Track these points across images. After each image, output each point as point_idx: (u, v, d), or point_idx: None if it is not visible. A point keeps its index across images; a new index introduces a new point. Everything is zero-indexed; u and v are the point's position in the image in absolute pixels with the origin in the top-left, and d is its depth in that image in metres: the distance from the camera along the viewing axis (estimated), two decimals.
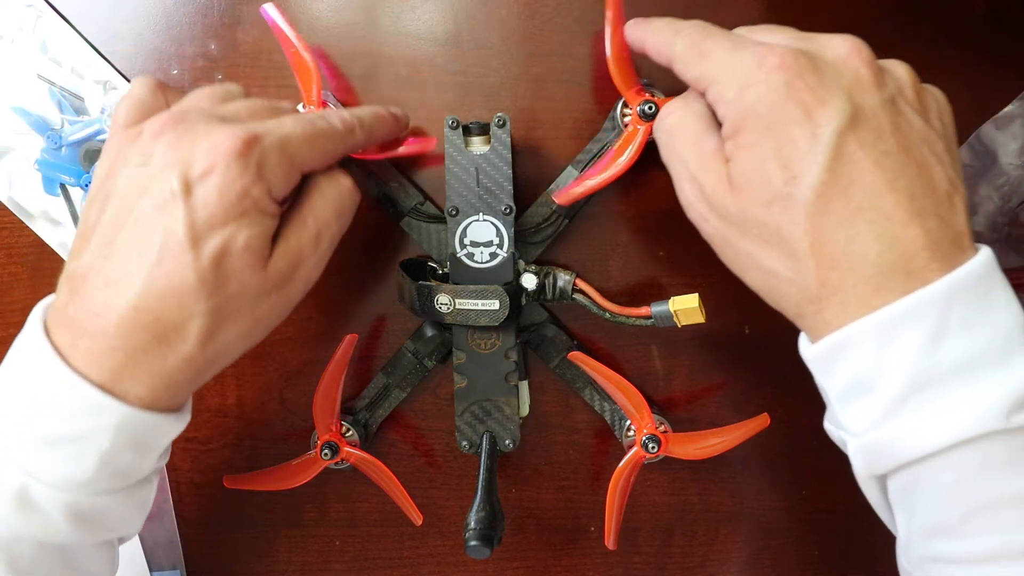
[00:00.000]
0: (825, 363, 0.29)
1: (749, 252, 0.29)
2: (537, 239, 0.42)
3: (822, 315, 0.28)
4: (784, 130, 0.27)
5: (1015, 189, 0.43)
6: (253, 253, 0.30)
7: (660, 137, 0.33)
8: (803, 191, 0.27)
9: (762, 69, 0.28)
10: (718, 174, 0.30)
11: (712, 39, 0.31)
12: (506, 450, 0.42)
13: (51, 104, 0.42)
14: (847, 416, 0.29)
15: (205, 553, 0.46)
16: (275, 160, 0.30)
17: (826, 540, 0.46)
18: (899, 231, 0.26)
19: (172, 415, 0.32)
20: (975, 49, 0.42)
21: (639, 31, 0.35)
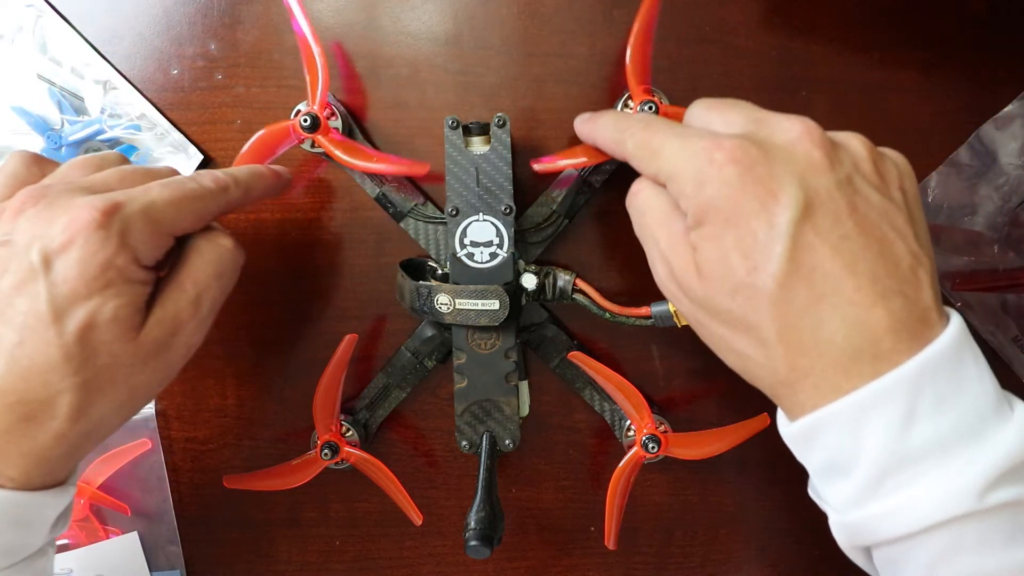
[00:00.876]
0: (801, 443, 0.29)
1: (720, 335, 0.30)
2: (537, 239, 0.42)
3: (796, 398, 0.28)
4: (742, 222, 0.27)
5: (1015, 189, 0.43)
6: (121, 324, 0.29)
7: (631, 212, 0.33)
8: (765, 281, 0.27)
9: (714, 165, 0.28)
10: (686, 259, 0.30)
11: (658, 136, 0.31)
12: (506, 450, 0.42)
13: (51, 104, 0.42)
14: (827, 492, 0.29)
15: (205, 553, 0.46)
16: (139, 227, 0.30)
17: (826, 540, 0.45)
18: (864, 315, 0.26)
19: (52, 491, 0.31)
20: (975, 49, 0.42)
21: (587, 128, 0.35)
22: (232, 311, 0.44)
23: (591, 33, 0.42)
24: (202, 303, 0.32)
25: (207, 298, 0.33)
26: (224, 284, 0.34)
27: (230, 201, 0.34)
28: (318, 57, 0.38)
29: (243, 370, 0.44)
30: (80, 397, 0.29)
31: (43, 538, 0.32)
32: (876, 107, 0.43)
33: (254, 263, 0.44)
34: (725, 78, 0.42)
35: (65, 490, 0.32)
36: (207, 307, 0.33)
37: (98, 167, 0.33)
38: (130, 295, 0.30)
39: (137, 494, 0.44)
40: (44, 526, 0.32)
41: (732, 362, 0.31)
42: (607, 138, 0.34)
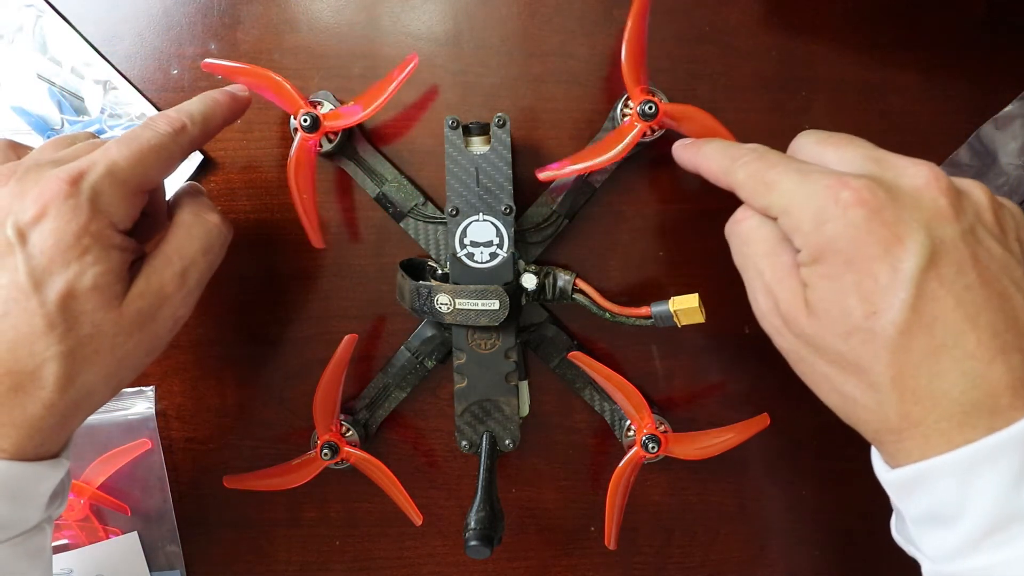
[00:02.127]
0: (903, 489, 0.28)
1: (826, 374, 0.29)
2: (537, 239, 0.42)
3: (902, 445, 0.28)
4: (864, 265, 0.27)
5: (1015, 189, 0.43)
6: (103, 292, 0.30)
7: (733, 241, 0.32)
8: (885, 327, 0.27)
9: (839, 204, 0.27)
10: (794, 293, 0.29)
11: (776, 169, 0.30)
12: (506, 450, 0.42)
13: (51, 104, 0.42)
14: (924, 541, 0.29)
15: (205, 553, 0.46)
16: (108, 190, 0.30)
17: (826, 540, 0.46)
18: (983, 369, 0.26)
19: (45, 463, 0.31)
20: (975, 49, 0.42)
21: (690, 155, 0.35)
22: (232, 311, 0.44)
23: (591, 33, 0.42)
24: (188, 277, 0.33)
25: (193, 272, 0.33)
26: (211, 259, 0.34)
27: (192, 139, 0.34)
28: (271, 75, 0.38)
29: (243, 370, 0.44)
30: (66, 366, 0.29)
31: (38, 514, 0.32)
32: (876, 107, 0.43)
33: (254, 263, 0.44)
34: (725, 78, 0.42)
35: (58, 463, 0.32)
36: (193, 281, 0.33)
37: (67, 144, 0.34)
38: (109, 261, 0.30)
39: (137, 494, 0.44)
40: (39, 501, 0.32)
41: (834, 402, 0.30)
42: (714, 166, 0.33)
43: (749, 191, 0.31)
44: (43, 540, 0.33)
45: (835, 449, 0.45)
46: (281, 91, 0.38)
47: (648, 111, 0.37)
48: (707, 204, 0.43)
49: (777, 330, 0.31)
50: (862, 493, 0.45)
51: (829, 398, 0.30)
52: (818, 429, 0.45)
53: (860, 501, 0.45)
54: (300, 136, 0.38)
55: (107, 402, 0.32)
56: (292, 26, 0.42)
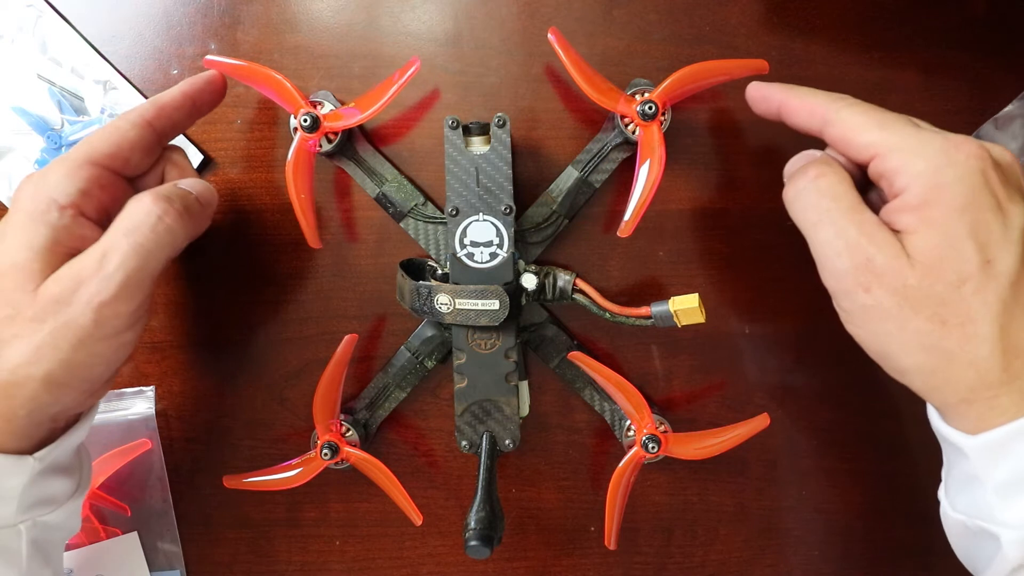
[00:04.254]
0: (994, 453, 0.28)
1: (919, 329, 0.29)
2: (537, 239, 0.42)
3: (997, 401, 0.28)
4: (980, 214, 0.28)
5: None
6: (20, 270, 0.30)
7: (808, 198, 0.31)
8: (998, 277, 0.27)
9: (960, 152, 0.28)
10: (892, 246, 0.29)
11: (888, 113, 0.31)
12: (506, 450, 0.42)
13: (51, 104, 0.42)
14: (1009, 507, 0.29)
15: (205, 553, 0.46)
16: (54, 167, 0.31)
17: (826, 540, 0.46)
18: None
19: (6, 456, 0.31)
20: (975, 49, 0.42)
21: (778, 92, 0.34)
22: (232, 311, 0.44)
23: (591, 33, 0.42)
24: (108, 260, 0.31)
25: (115, 255, 0.31)
26: (136, 241, 0.31)
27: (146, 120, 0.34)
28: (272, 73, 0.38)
29: (243, 370, 0.44)
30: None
31: (10, 512, 0.31)
32: None
33: (254, 263, 0.44)
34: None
35: (21, 461, 0.31)
36: (113, 264, 0.31)
37: None
38: (30, 237, 0.30)
39: (137, 494, 0.44)
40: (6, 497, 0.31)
41: (919, 361, 0.29)
42: (811, 100, 0.32)
43: (858, 125, 0.30)
44: (18, 544, 0.32)
45: (835, 449, 0.45)
46: (282, 90, 0.38)
47: (648, 111, 0.37)
48: (707, 204, 0.43)
49: (864, 286, 0.29)
50: (862, 493, 0.45)
51: (916, 358, 0.29)
52: (818, 429, 0.45)
53: (860, 501, 0.45)
54: (300, 136, 0.38)
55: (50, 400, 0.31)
56: (292, 26, 0.42)
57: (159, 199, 0.32)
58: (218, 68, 0.37)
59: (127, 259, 0.31)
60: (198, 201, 0.35)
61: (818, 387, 0.45)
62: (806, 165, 0.32)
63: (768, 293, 0.44)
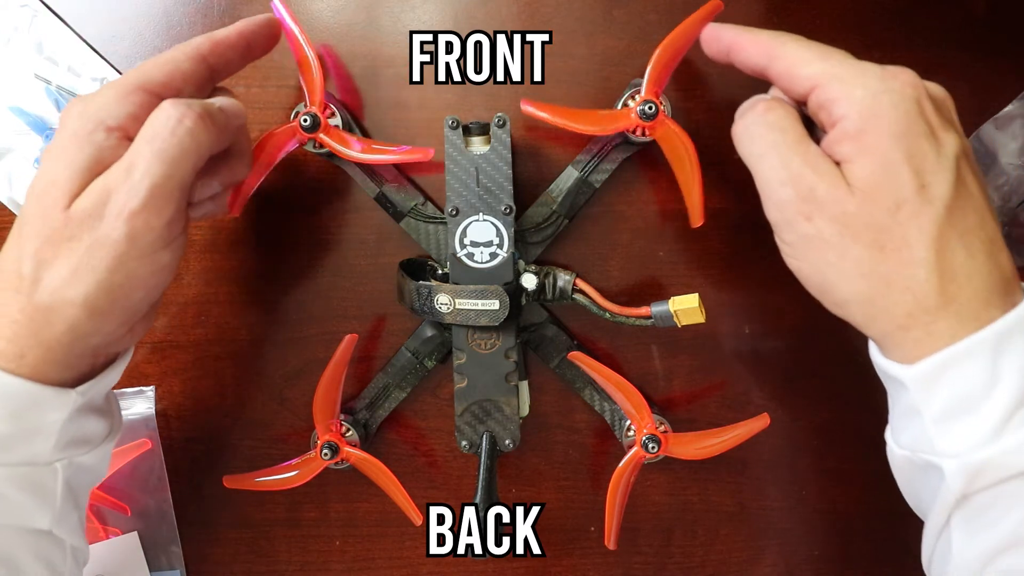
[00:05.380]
0: (931, 380, 0.29)
1: (859, 257, 0.29)
2: (537, 239, 0.42)
3: (934, 326, 0.28)
4: (916, 141, 0.28)
5: (1015, 189, 0.43)
6: (58, 187, 0.30)
7: (756, 130, 0.32)
8: (933, 201, 0.28)
9: (896, 80, 0.29)
10: (832, 175, 0.29)
11: (825, 47, 0.31)
12: (506, 450, 0.42)
13: (49, 103, 0.42)
14: (948, 436, 0.29)
15: (205, 553, 0.46)
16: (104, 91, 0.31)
17: (826, 540, 0.46)
18: (998, 253, 0.29)
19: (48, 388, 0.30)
20: (975, 49, 0.42)
21: (728, 33, 0.34)
22: (232, 311, 0.44)
23: (591, 33, 0.42)
24: (134, 169, 0.30)
25: (140, 164, 0.30)
26: (159, 148, 0.30)
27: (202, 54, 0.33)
28: (312, 60, 0.37)
29: (243, 370, 0.44)
30: (33, 265, 0.30)
31: (48, 449, 0.31)
32: None
33: (254, 263, 0.44)
34: (725, 78, 0.42)
35: (63, 394, 0.31)
36: (139, 172, 0.30)
37: None
38: (73, 156, 0.30)
39: (137, 494, 0.44)
40: (46, 432, 0.31)
41: (858, 289, 0.29)
42: (757, 38, 0.33)
43: (801, 59, 0.31)
44: (53, 483, 0.32)
45: (835, 449, 0.45)
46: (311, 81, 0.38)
47: (648, 111, 0.37)
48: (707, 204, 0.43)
49: (805, 216, 0.30)
50: (862, 493, 0.45)
51: (854, 286, 0.30)
52: (818, 429, 0.45)
53: (860, 501, 0.45)
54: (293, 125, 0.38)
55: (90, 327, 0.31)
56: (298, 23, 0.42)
57: (177, 103, 0.31)
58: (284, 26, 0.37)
59: (151, 166, 0.30)
60: (222, 110, 0.33)
61: (818, 387, 0.45)
62: (756, 101, 0.33)
63: (768, 293, 0.44)
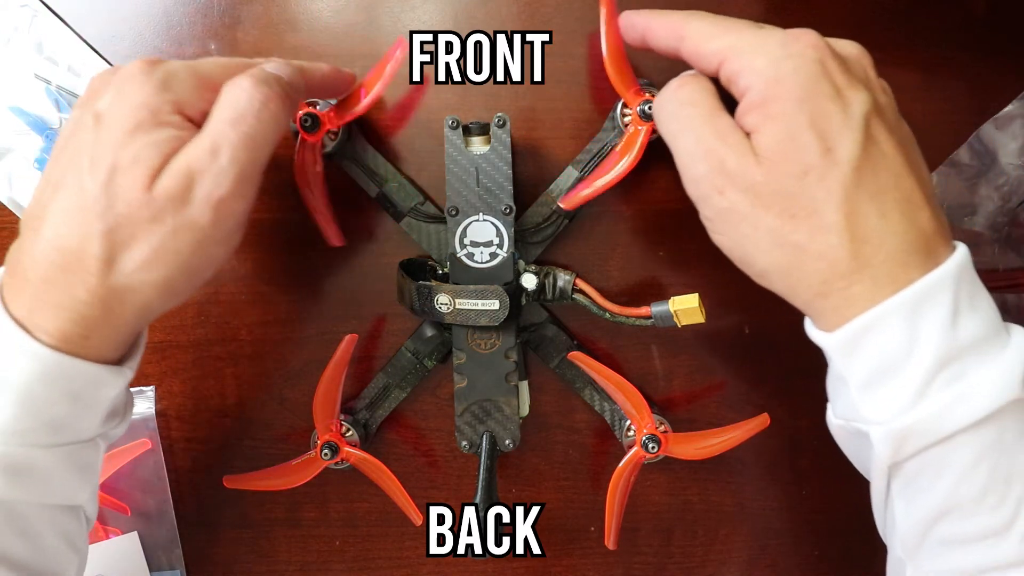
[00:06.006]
0: (851, 346, 0.29)
1: (771, 226, 0.29)
2: (537, 239, 0.42)
3: (851, 291, 0.28)
4: (819, 103, 0.28)
5: (1015, 189, 0.43)
6: (140, 167, 0.28)
7: (670, 108, 0.32)
8: (840, 164, 0.28)
9: (797, 44, 0.29)
10: (741, 146, 0.29)
11: (731, 19, 0.31)
12: (506, 450, 0.42)
13: (49, 103, 0.42)
14: (871, 403, 0.29)
15: (205, 553, 0.46)
16: (183, 76, 0.30)
17: (826, 540, 0.46)
18: (916, 212, 0.28)
19: (107, 368, 0.30)
20: (975, 49, 0.42)
21: (641, 19, 0.34)
22: (232, 310, 0.44)
23: (590, 33, 0.42)
24: (220, 152, 0.29)
25: (225, 146, 0.29)
26: (244, 131, 0.30)
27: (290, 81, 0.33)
28: None
29: (243, 370, 0.44)
30: (106, 247, 0.28)
31: (95, 425, 0.31)
32: None
33: (254, 263, 0.44)
34: None
35: (120, 371, 0.31)
36: (226, 156, 0.29)
37: None
38: (154, 139, 0.29)
39: (137, 494, 0.44)
40: (97, 408, 0.31)
41: (775, 259, 0.29)
42: (665, 22, 0.33)
43: (704, 35, 0.31)
44: (95, 457, 0.32)
45: (835, 449, 0.45)
46: None
47: (648, 111, 0.37)
48: None
49: (718, 189, 0.30)
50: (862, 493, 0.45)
51: (770, 257, 0.29)
52: (818, 429, 0.45)
53: (860, 501, 0.45)
54: (301, 137, 0.38)
55: (159, 307, 0.30)
56: (292, 26, 0.42)
57: (260, 84, 0.30)
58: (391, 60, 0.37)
59: (238, 151, 0.30)
60: (291, 84, 0.33)
61: (818, 387, 0.44)
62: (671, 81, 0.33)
63: (768, 293, 0.44)
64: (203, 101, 0.30)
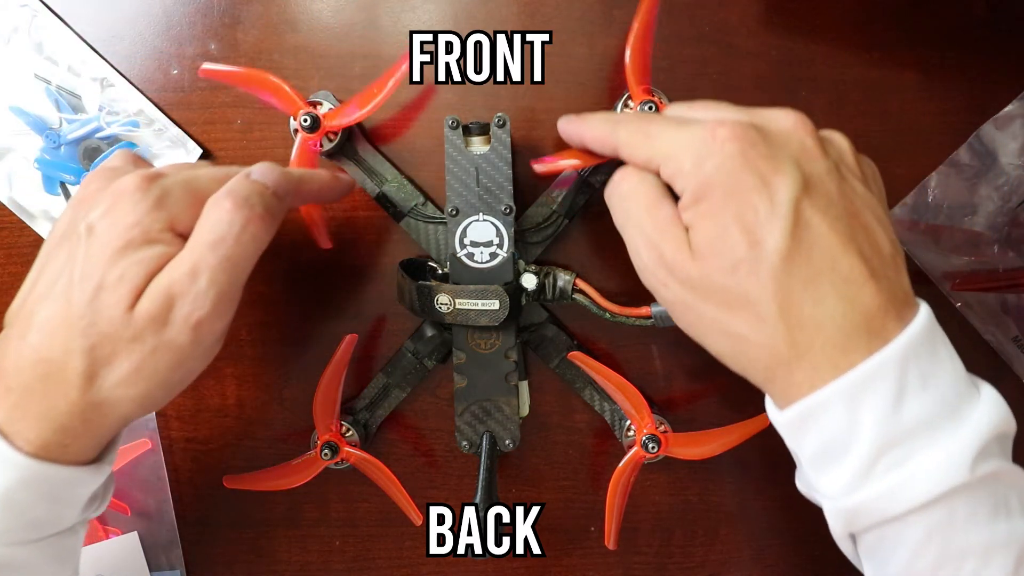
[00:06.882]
0: (796, 428, 0.29)
1: (714, 317, 0.29)
2: (537, 239, 0.42)
3: (792, 378, 0.28)
4: (744, 197, 0.28)
5: (1015, 189, 0.43)
6: (126, 287, 0.29)
7: (613, 201, 0.33)
8: (768, 255, 0.27)
9: (716, 141, 0.28)
10: (678, 240, 0.30)
11: (655, 123, 0.31)
12: (506, 450, 0.42)
13: (48, 103, 0.42)
14: (821, 480, 0.29)
15: (205, 553, 0.46)
16: (178, 193, 0.30)
17: (826, 540, 0.46)
18: (857, 292, 0.27)
19: (85, 468, 0.31)
20: (975, 49, 0.42)
21: (575, 127, 0.35)
22: None
23: (591, 33, 0.42)
24: (199, 275, 0.29)
25: (204, 269, 0.29)
26: (225, 254, 0.30)
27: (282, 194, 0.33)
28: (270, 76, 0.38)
29: (243, 370, 0.44)
30: (87, 363, 0.29)
31: (74, 517, 0.32)
32: (876, 107, 0.43)
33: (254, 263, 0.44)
34: (725, 78, 0.42)
35: (98, 468, 0.31)
36: (205, 279, 0.29)
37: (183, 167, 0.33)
38: (141, 256, 0.29)
39: (137, 494, 0.44)
40: (75, 504, 0.31)
41: (723, 347, 0.30)
42: (596, 132, 0.34)
43: (633, 145, 0.32)
44: (75, 542, 0.33)
45: None
46: (280, 93, 0.38)
47: (648, 111, 0.37)
48: None
49: (662, 282, 0.30)
50: None
51: (719, 344, 0.30)
52: None
53: None
54: (301, 137, 0.38)
55: (138, 416, 0.31)
56: (292, 26, 0.42)
57: (240, 205, 0.30)
58: (215, 77, 0.37)
59: (217, 274, 0.30)
60: (275, 195, 0.32)
61: None
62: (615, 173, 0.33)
63: None
64: (196, 217, 0.31)
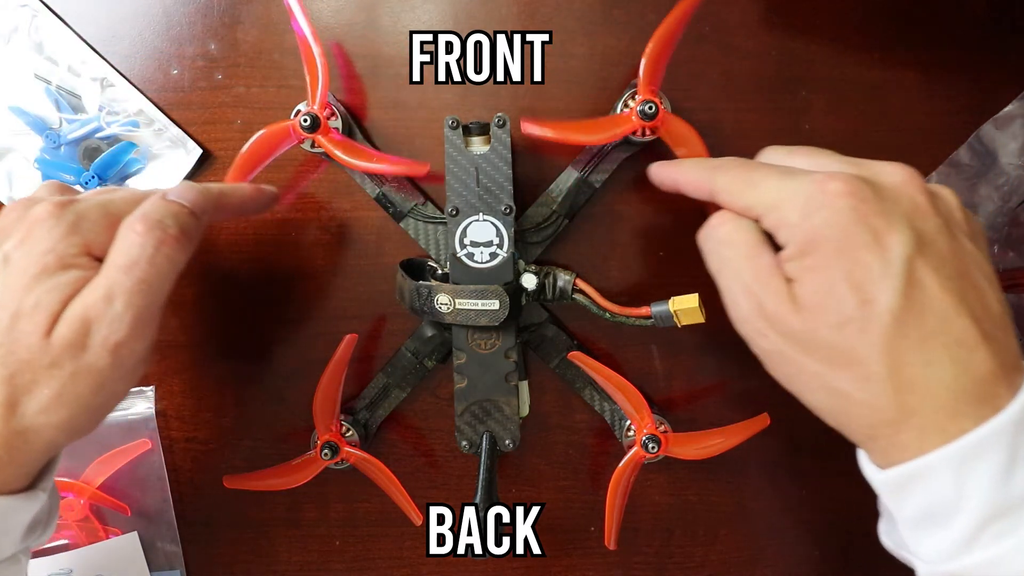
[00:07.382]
0: (898, 489, 0.28)
1: (815, 372, 0.29)
2: (537, 239, 0.42)
3: (898, 438, 0.27)
4: (855, 254, 0.27)
5: (1015, 189, 0.43)
6: (42, 314, 0.29)
7: (709, 246, 0.32)
8: (880, 315, 0.27)
9: (827, 194, 0.28)
10: (779, 291, 0.29)
11: (759, 171, 0.31)
12: (506, 450, 0.42)
13: (48, 103, 0.42)
14: (919, 543, 0.29)
15: (205, 553, 0.46)
16: (93, 217, 0.30)
17: (826, 540, 0.46)
18: (969, 355, 0.26)
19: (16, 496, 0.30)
20: (975, 49, 0.42)
21: (668, 172, 0.35)
22: (232, 311, 0.44)
23: (591, 33, 0.42)
24: (114, 299, 0.29)
25: (119, 293, 0.29)
26: (140, 275, 0.30)
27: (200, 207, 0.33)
28: (318, 57, 0.37)
29: (243, 370, 0.44)
30: (7, 391, 0.29)
31: (13, 546, 0.31)
32: (876, 107, 0.43)
33: (254, 263, 0.44)
34: (724, 78, 0.42)
35: (32, 496, 0.31)
36: (121, 303, 0.29)
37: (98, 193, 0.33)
38: (56, 282, 0.29)
39: (137, 494, 0.44)
40: (12, 532, 0.31)
41: (822, 401, 0.29)
42: (691, 177, 0.33)
43: (732, 192, 0.31)
44: (17, 571, 0.32)
45: (835, 449, 0.45)
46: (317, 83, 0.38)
47: (648, 111, 0.37)
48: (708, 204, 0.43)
49: (760, 332, 0.30)
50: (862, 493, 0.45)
51: (817, 398, 0.30)
52: (818, 429, 0.45)
53: (860, 501, 0.45)
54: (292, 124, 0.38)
55: (65, 443, 0.31)
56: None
57: (152, 227, 0.30)
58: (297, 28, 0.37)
59: (133, 297, 0.30)
60: (192, 214, 0.32)
61: None
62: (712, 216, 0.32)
63: None
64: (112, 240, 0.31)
